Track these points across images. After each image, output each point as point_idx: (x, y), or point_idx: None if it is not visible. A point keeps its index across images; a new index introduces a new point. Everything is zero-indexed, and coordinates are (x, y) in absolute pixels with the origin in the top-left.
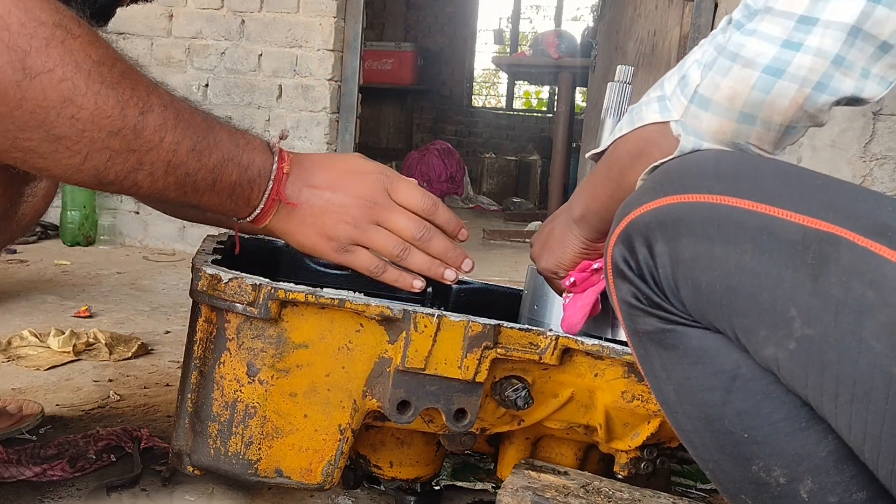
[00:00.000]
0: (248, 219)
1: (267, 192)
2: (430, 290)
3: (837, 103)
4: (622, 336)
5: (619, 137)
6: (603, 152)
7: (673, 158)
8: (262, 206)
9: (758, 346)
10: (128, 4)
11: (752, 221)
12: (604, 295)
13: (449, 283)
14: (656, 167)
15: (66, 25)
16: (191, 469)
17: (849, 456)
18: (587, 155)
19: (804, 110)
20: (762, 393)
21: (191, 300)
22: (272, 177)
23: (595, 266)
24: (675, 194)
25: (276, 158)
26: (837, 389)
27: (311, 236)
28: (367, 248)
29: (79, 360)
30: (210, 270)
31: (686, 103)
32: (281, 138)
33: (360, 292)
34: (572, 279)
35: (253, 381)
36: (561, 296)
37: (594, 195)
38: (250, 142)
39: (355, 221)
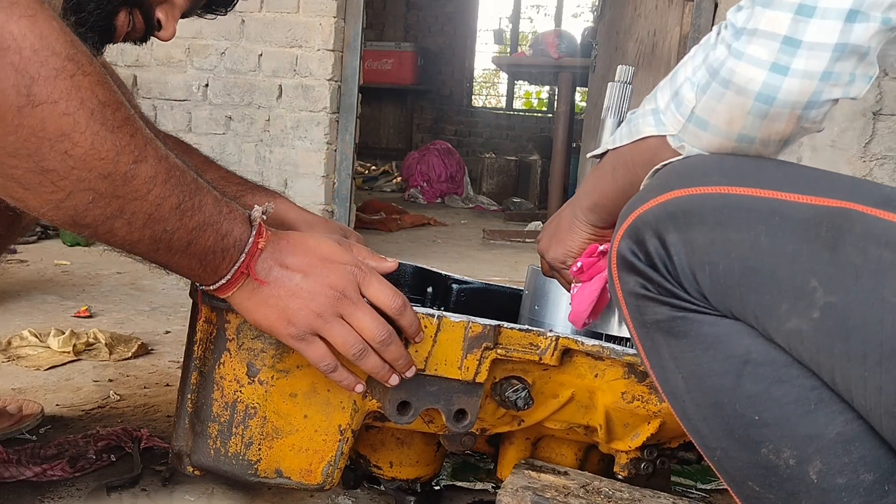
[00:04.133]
0: (211, 287)
1: (237, 265)
2: (430, 289)
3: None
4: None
5: (620, 146)
6: (603, 154)
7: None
8: (229, 276)
9: (779, 321)
10: (117, 42)
11: (762, 206)
12: None
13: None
14: (658, 169)
15: (79, 60)
16: (191, 469)
17: (857, 437)
18: (588, 155)
19: (800, 126)
20: (773, 376)
21: (191, 300)
22: (246, 249)
23: (602, 248)
24: (682, 188)
25: (253, 232)
26: (865, 352)
27: (271, 317)
28: (324, 340)
29: (79, 360)
30: None
31: (683, 121)
32: (263, 213)
33: None
34: (579, 264)
35: (253, 381)
36: (569, 291)
37: (601, 191)
38: (233, 211)
39: (320, 311)
